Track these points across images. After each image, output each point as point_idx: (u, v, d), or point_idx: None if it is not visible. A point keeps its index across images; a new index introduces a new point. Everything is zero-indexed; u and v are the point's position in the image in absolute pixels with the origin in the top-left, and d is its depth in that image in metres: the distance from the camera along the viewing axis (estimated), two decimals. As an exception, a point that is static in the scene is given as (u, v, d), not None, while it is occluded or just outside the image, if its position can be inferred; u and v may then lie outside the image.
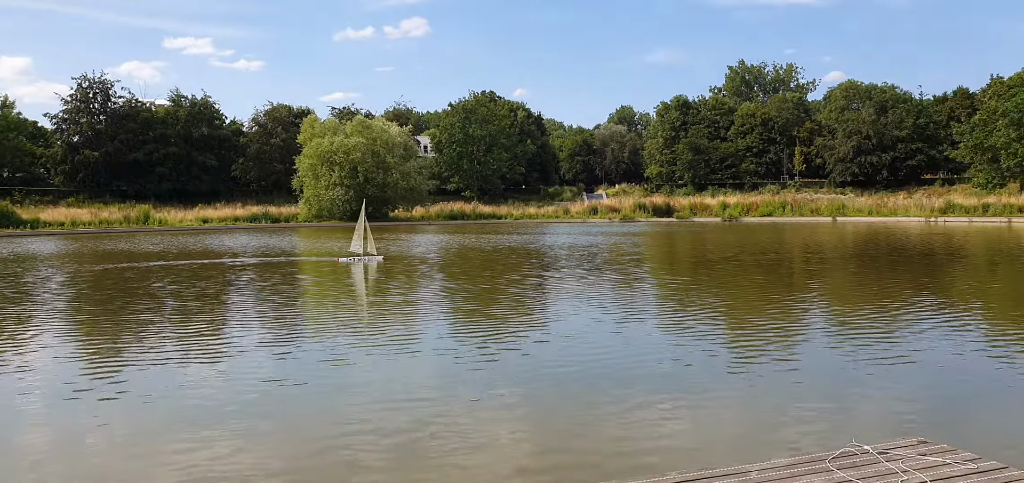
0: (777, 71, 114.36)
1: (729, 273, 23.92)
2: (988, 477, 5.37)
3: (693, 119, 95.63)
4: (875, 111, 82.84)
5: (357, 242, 28.10)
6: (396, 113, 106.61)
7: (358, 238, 28.12)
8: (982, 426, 7.89)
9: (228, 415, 8.50)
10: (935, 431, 7.08)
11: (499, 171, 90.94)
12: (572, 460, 7.08)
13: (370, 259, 27.79)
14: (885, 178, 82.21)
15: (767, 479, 5.38)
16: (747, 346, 12.01)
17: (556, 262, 27.68)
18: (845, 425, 7.79)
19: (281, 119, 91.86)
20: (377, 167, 69.14)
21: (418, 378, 10.31)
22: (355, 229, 28.91)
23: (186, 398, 9.25)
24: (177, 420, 8.34)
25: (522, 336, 13.16)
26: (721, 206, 73.72)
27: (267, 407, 8.89)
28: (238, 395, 9.34)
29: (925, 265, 25.41)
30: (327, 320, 15.40)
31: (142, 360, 11.41)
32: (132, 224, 62.86)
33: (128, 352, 12.04)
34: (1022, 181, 67.78)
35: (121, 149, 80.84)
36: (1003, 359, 10.88)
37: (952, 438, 6.65)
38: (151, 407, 8.91)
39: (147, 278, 23.09)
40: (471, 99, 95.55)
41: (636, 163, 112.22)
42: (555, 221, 70.69)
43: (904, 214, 63.07)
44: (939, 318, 14.35)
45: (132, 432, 8.03)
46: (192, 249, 36.51)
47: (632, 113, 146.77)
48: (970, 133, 70.95)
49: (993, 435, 7.54)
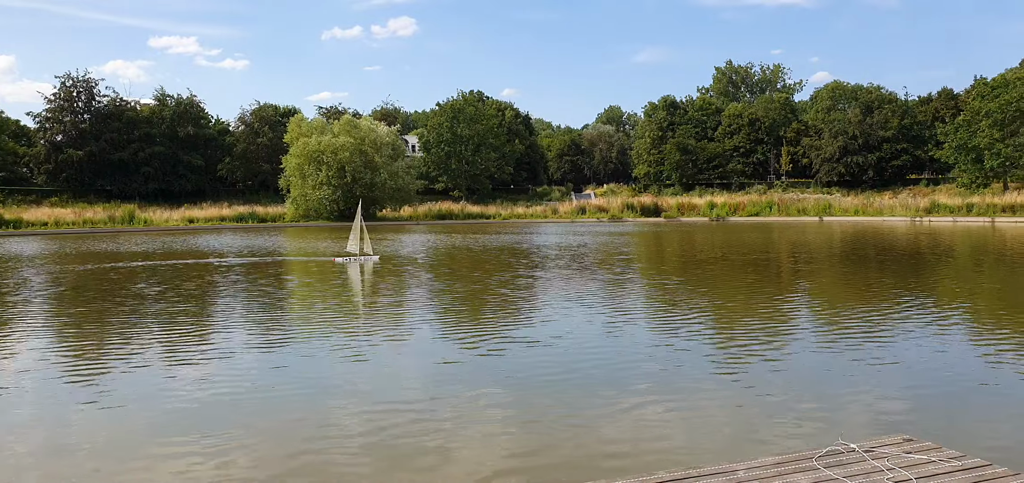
0: (764, 71, 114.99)
1: (717, 273, 24.00)
2: (972, 474, 5.41)
3: (681, 119, 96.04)
4: (861, 111, 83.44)
5: (353, 242, 27.99)
6: (384, 112, 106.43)
7: (354, 238, 27.99)
8: (967, 424, 7.94)
9: (211, 419, 8.43)
10: (921, 429, 7.12)
11: (487, 171, 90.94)
12: (560, 460, 7.07)
13: (366, 259, 27.70)
14: (871, 178, 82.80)
15: (754, 478, 5.39)
16: (736, 346, 12.05)
17: (545, 262, 27.67)
18: (832, 423, 7.83)
19: (268, 118, 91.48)
20: (365, 167, 68.96)
21: (406, 379, 10.28)
22: (351, 229, 28.79)
23: (167, 402, 9.16)
24: (157, 425, 8.25)
25: (510, 336, 13.14)
26: (709, 206, 74.02)
27: (252, 410, 8.83)
28: (222, 399, 9.27)
29: (911, 265, 25.59)
30: (316, 321, 15.32)
31: (124, 363, 11.30)
32: (117, 224, 62.42)
33: (110, 355, 11.92)
34: (1005, 181, 68.48)
35: (106, 148, 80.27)
36: (987, 358, 10.96)
37: (937, 436, 6.69)
38: (130, 412, 8.81)
39: (132, 279, 22.91)
40: (459, 99, 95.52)
41: (624, 163, 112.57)
42: (543, 221, 70.74)
43: (890, 214, 63.56)
44: (925, 317, 14.46)
45: (110, 438, 7.93)
46: (178, 249, 36.27)
47: (620, 113, 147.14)
48: (954, 133, 71.58)
49: (977, 433, 7.59)
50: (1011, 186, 66.76)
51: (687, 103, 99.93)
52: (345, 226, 61.26)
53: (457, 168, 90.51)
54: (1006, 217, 55.98)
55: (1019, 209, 56.92)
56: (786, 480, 5.35)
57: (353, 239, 28.02)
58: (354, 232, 28.13)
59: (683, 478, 5.43)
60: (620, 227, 58.39)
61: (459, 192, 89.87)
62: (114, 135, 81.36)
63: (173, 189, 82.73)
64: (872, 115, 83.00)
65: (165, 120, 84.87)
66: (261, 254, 33.01)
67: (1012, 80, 69.28)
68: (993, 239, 37.59)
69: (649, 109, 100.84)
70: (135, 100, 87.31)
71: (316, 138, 69.26)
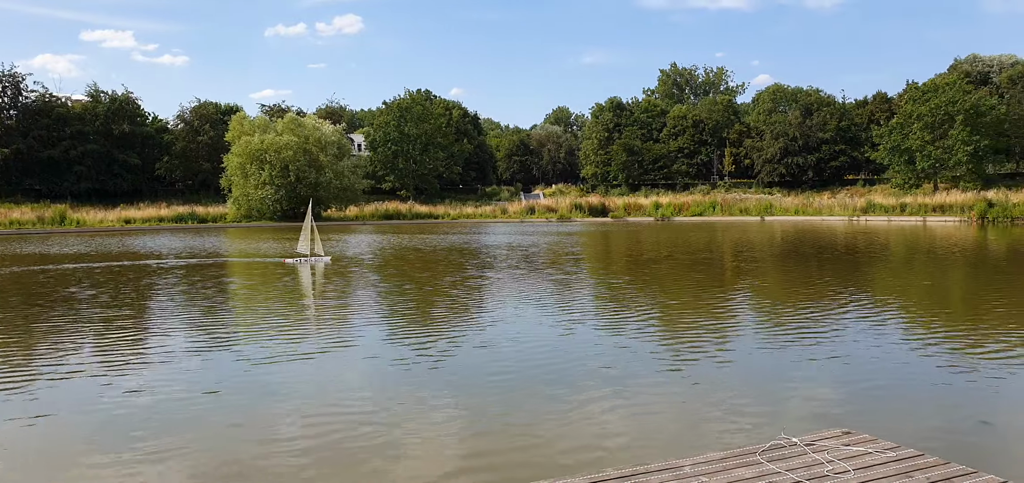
0: (708, 74, 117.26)
1: (663, 272, 24.34)
2: (906, 464, 5.59)
3: (627, 121, 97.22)
4: (801, 114, 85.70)
5: (304, 242, 27.52)
6: (329, 111, 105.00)
7: (305, 238, 27.55)
8: (900, 416, 8.20)
9: (147, 427, 8.15)
10: (858, 421, 7.31)
11: (435, 170, 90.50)
12: (509, 460, 7.05)
13: (318, 260, 27.27)
14: (810, 179, 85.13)
15: (700, 473, 5.46)
16: (682, 343, 12.22)
17: (495, 262, 27.66)
18: (775, 418, 8.00)
19: (208, 116, 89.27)
20: (309, 166, 67.97)
21: (353, 382, 10.12)
22: (301, 229, 28.31)
23: (100, 411, 8.83)
24: (90, 435, 7.96)
25: (459, 337, 13.09)
26: (654, 206, 75.09)
27: (190, 417, 8.57)
28: (159, 406, 8.98)
29: (849, 263, 26.37)
30: (258, 324, 14.99)
31: (54, 372, 10.87)
32: (47, 225, 60.05)
33: (38, 362, 11.46)
34: (936, 182, 71.17)
35: (34, 146, 77.17)
36: (918, 352, 11.36)
37: (874, 428, 6.88)
38: (61, 422, 8.48)
39: (64, 282, 22.08)
40: (406, 97, 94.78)
41: (572, 163, 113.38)
42: (493, 221, 70.75)
43: (829, 213, 65.46)
44: (861, 313, 14.91)
45: (39, 450, 7.61)
46: (114, 251, 35.11)
47: (568, 114, 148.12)
48: (888, 136, 74.05)
49: (909, 424, 7.85)
50: (941, 187, 69.44)
51: (633, 105, 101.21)
52: (288, 226, 60.34)
53: (404, 167, 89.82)
54: (936, 216, 58.25)
55: (948, 209, 59.25)
56: (731, 474, 5.43)
57: (303, 240, 27.56)
58: (304, 232, 27.66)
59: (631, 475, 5.47)
60: (569, 227, 58.79)
61: (407, 192, 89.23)
62: (43, 133, 78.20)
63: (108, 189, 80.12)
64: (812, 117, 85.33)
65: (99, 117, 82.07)
66: (201, 255, 32.20)
67: (941, 85, 72.07)
68: (924, 238, 39.04)
69: (596, 110, 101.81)
70: (66, 96, 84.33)
71: (259, 136, 67.97)
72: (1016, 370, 10.12)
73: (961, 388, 9.31)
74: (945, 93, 70.24)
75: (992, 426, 7.89)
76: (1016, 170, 76.99)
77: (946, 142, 68.60)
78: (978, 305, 16.64)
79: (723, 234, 45.50)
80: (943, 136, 69.17)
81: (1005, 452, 7.19)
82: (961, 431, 7.71)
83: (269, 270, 25.42)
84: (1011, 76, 77.07)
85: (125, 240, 44.74)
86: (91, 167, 79.78)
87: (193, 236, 49.36)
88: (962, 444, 7.22)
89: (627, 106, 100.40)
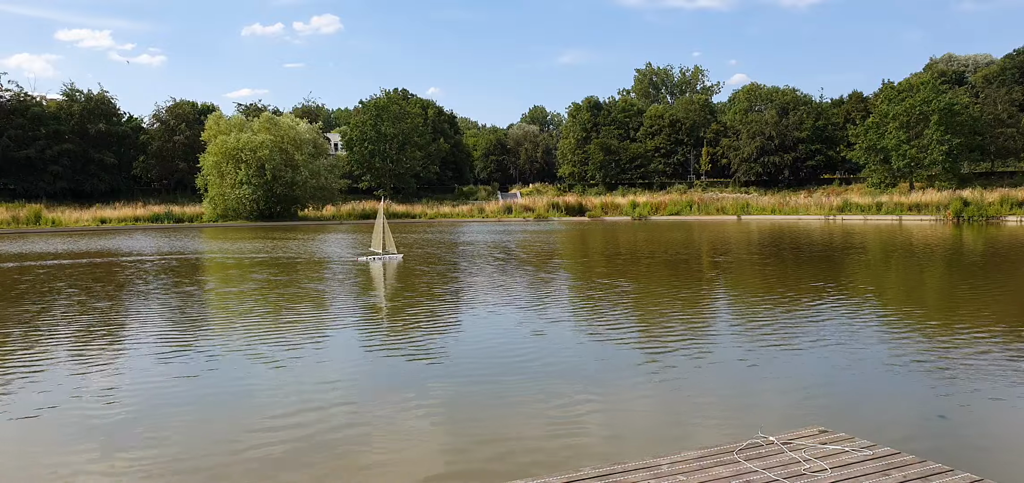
0: (684, 74, 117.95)
1: (641, 271, 24.40)
2: (882, 463, 5.63)
3: (604, 120, 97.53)
4: (777, 113, 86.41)
5: (377, 241, 28.03)
6: (305, 110, 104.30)
7: (378, 237, 28.06)
8: (876, 414, 8.26)
9: (123, 428, 8.03)
10: (835, 420, 7.36)
11: (412, 170, 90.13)
12: (487, 458, 7.01)
13: (390, 257, 27.50)
14: (787, 178, 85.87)
15: (678, 471, 5.45)
16: (659, 342, 12.24)
17: (473, 262, 27.59)
18: (752, 417, 8.03)
19: (185, 115, 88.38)
20: (285, 165, 67.48)
21: (329, 381, 10.02)
22: (374, 229, 28.97)
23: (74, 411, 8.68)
24: (67, 435, 7.82)
25: (437, 336, 13.03)
26: (631, 205, 75.32)
27: (167, 417, 8.44)
28: (135, 405, 8.85)
29: (825, 262, 26.61)
30: (235, 324, 14.82)
31: (30, 369, 10.67)
32: (22, 225, 59.10)
33: (11, 361, 11.24)
34: (911, 181, 72.05)
35: (9, 146, 76.10)
36: (893, 352, 11.45)
37: (849, 426, 6.93)
38: (35, 423, 8.32)
39: (38, 282, 21.69)
40: (383, 96, 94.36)
41: (549, 163, 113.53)
42: (470, 220, 70.58)
43: (805, 212, 66.04)
44: (838, 311, 15.05)
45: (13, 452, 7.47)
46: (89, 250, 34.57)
47: (545, 113, 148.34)
48: (864, 135, 74.75)
49: (885, 422, 7.91)
50: (916, 186, 70.30)
51: (610, 104, 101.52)
52: (265, 226, 59.86)
53: (381, 167, 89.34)
54: (912, 215, 58.95)
55: (923, 208, 59.94)
56: (708, 473, 5.43)
57: (377, 238, 28.09)
58: (376, 231, 28.22)
59: (608, 473, 5.46)
60: (546, 226, 58.80)
61: (384, 191, 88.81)
62: (18, 132, 77.06)
63: (84, 188, 79.02)
64: (788, 116, 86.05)
65: (74, 116, 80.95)
66: (178, 255, 31.80)
67: (916, 84, 72.97)
68: (900, 236, 39.51)
69: (573, 110, 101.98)
70: (41, 95, 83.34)
71: (235, 136, 67.33)
72: (991, 368, 10.24)
73: (937, 387, 9.40)
74: (921, 93, 71.07)
75: (967, 424, 7.98)
76: (991, 169, 78.07)
77: (921, 141, 69.42)
78: (953, 303, 16.85)
79: (700, 233, 45.74)
80: (918, 135, 70.00)
81: (981, 450, 7.26)
82: (937, 429, 7.78)
83: (240, 268, 25.13)
84: (986, 75, 78.21)
85: (100, 240, 44.01)
86: (67, 167, 78.74)
87: (170, 236, 48.69)
88: (938, 443, 7.29)
89: (604, 105, 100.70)
